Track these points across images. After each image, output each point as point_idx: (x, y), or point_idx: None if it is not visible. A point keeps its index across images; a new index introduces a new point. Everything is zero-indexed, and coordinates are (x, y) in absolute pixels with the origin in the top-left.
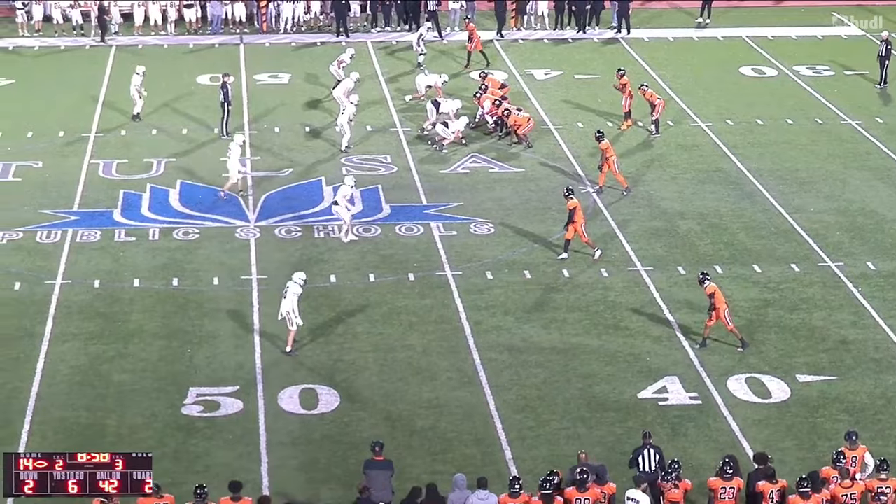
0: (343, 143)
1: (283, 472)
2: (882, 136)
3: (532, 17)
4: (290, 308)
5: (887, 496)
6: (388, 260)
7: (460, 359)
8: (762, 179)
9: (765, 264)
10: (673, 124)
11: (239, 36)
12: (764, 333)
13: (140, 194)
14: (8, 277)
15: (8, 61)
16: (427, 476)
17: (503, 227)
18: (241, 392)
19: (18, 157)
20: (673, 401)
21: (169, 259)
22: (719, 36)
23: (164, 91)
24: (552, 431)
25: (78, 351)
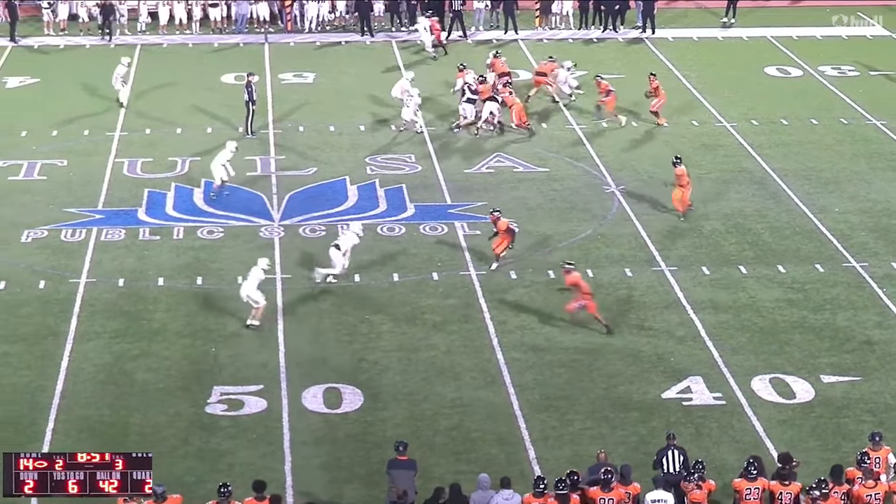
0: (417, 129)
1: (307, 471)
2: None
3: (557, 16)
4: (249, 293)
5: None
6: (413, 259)
7: (484, 358)
8: (787, 179)
9: (789, 264)
10: (697, 124)
11: (264, 35)
12: (788, 334)
13: (164, 193)
14: (33, 276)
15: (33, 60)
16: (450, 476)
17: (527, 226)
18: (264, 391)
19: (43, 155)
20: (697, 401)
21: (193, 258)
22: (744, 36)
23: (188, 90)
24: (576, 431)
25: (102, 349)
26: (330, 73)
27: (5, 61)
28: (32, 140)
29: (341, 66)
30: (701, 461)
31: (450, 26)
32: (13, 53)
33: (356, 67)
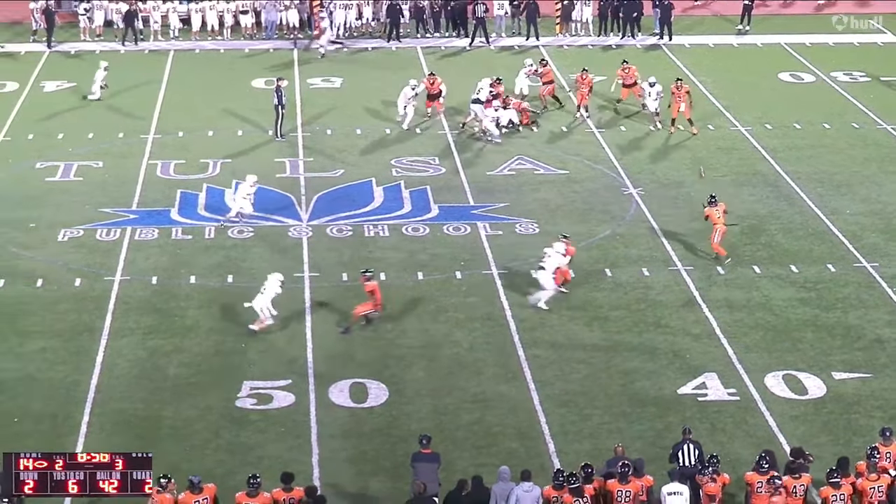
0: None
1: (333, 463)
2: None
3: (577, 23)
4: (264, 305)
5: None
6: (436, 259)
7: (505, 355)
8: (799, 182)
9: (802, 265)
10: (713, 128)
11: (293, 41)
12: (801, 332)
13: (196, 194)
14: (69, 274)
15: (69, 65)
16: (473, 468)
17: (547, 227)
18: (293, 386)
19: (79, 157)
20: (712, 397)
21: (224, 257)
22: (759, 43)
23: (220, 94)
24: (594, 426)
25: (136, 345)
26: (357, 78)
27: (42, 66)
28: (69, 142)
29: (368, 72)
30: (716, 455)
31: (473, 33)
32: (50, 58)
33: (382, 72)
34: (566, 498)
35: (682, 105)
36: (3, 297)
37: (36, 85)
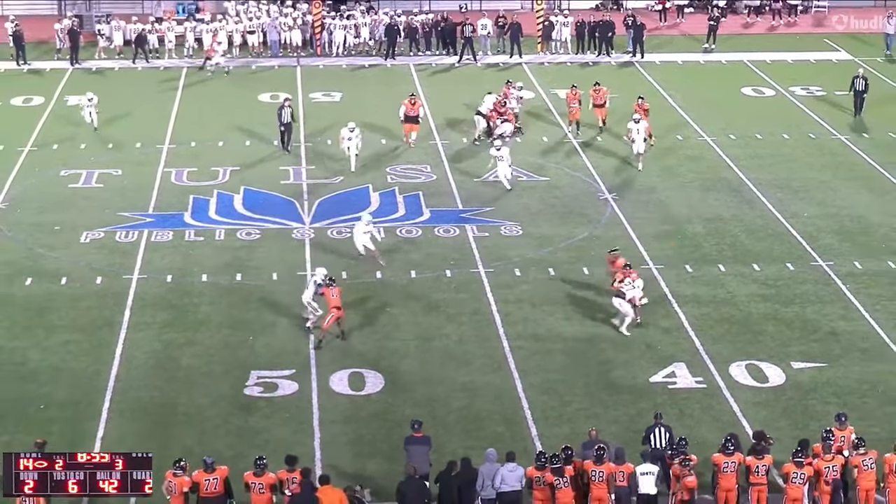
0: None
1: (334, 447)
2: (868, 150)
3: (557, 42)
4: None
5: (869, 467)
6: (428, 258)
7: (492, 347)
8: (761, 188)
9: (763, 263)
10: (682, 138)
11: (296, 59)
12: (762, 325)
13: (208, 199)
14: (91, 272)
15: (91, 80)
16: (462, 450)
17: (530, 229)
18: (296, 375)
19: (100, 165)
20: (681, 384)
21: (233, 257)
22: (723, 60)
23: (229, 107)
24: (573, 411)
25: (152, 338)
26: (355, 92)
27: (66, 82)
28: (90, 151)
29: (365, 87)
30: (684, 438)
31: (461, 51)
32: (73, 75)
33: (378, 87)
34: (548, 477)
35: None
36: (30, 294)
37: (60, 99)
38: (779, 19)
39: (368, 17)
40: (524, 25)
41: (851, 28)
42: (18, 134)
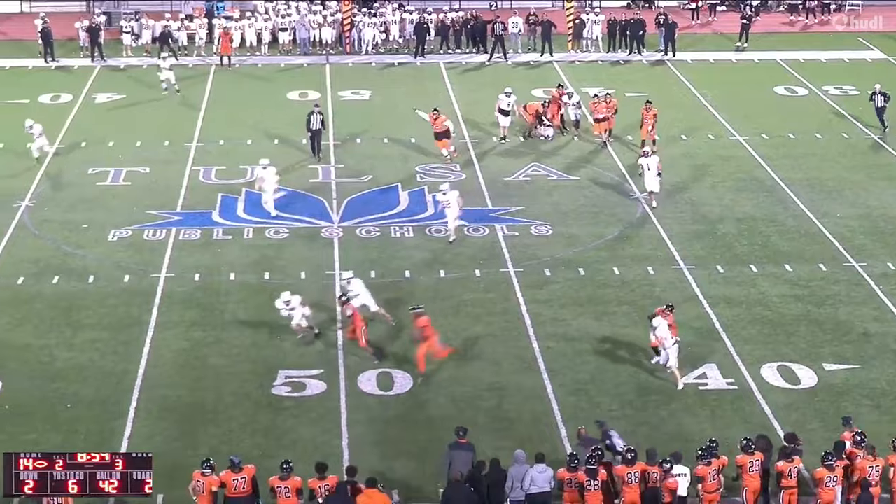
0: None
1: (361, 447)
2: None
3: (588, 41)
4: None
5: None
6: (457, 258)
7: (521, 347)
8: (793, 187)
9: (795, 264)
10: (713, 137)
11: (325, 57)
12: (794, 326)
13: (236, 197)
14: (119, 270)
15: (119, 78)
16: (491, 451)
17: (560, 228)
18: (324, 374)
19: (128, 163)
20: (712, 386)
21: (261, 255)
22: (755, 59)
23: (258, 105)
24: (603, 413)
25: (179, 337)
26: (384, 90)
27: (94, 79)
28: (119, 150)
29: (394, 85)
30: (714, 440)
31: (492, 49)
32: (101, 72)
33: (408, 86)
34: (580, 476)
35: (649, 126)
36: (58, 292)
37: (88, 97)
38: (812, 18)
39: (398, 15)
40: (555, 23)
41: (886, 27)
42: (46, 131)
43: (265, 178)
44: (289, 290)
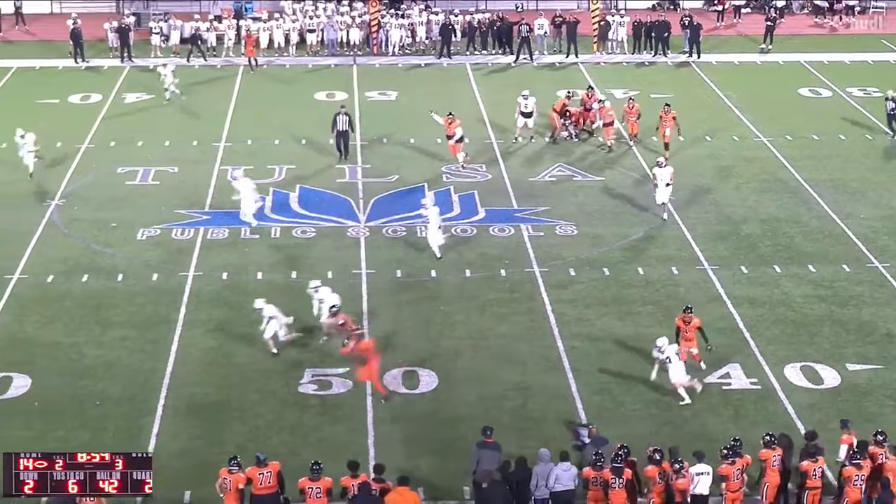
0: None
1: (387, 445)
2: None
3: (613, 42)
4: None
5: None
6: (483, 257)
7: (546, 346)
8: (817, 189)
9: (819, 264)
10: (738, 139)
11: (352, 58)
12: (817, 326)
13: (263, 197)
14: (147, 269)
15: (148, 78)
16: (516, 450)
17: (585, 229)
18: (350, 373)
19: (157, 163)
20: (735, 385)
21: (288, 255)
22: (780, 60)
23: (285, 106)
24: (627, 412)
25: (207, 335)
26: (411, 91)
27: (123, 80)
28: (147, 149)
29: (421, 86)
30: (738, 439)
31: (517, 50)
32: (130, 73)
33: (434, 87)
34: (606, 475)
35: (668, 129)
36: (86, 290)
37: (118, 97)
38: (836, 20)
39: (425, 17)
40: (580, 25)
41: None
42: (76, 131)
43: (242, 188)
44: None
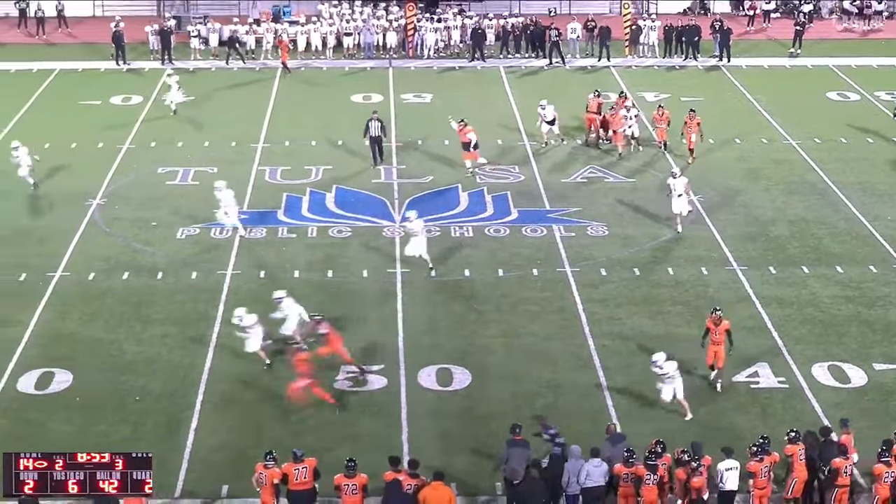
0: None
1: (421, 441)
2: None
3: (644, 46)
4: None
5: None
6: (516, 257)
7: (577, 345)
8: (845, 191)
9: (846, 265)
10: (767, 141)
11: (388, 60)
12: (845, 326)
13: (300, 197)
14: (186, 267)
15: (188, 80)
16: (547, 447)
17: (616, 229)
18: (385, 370)
19: (196, 163)
20: (763, 384)
21: (325, 254)
22: (809, 65)
23: (322, 108)
24: (655, 410)
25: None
26: (445, 94)
27: (164, 81)
28: (187, 150)
29: (455, 88)
30: (767, 437)
31: (549, 55)
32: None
33: (468, 89)
34: (640, 471)
35: (693, 135)
36: (127, 288)
37: (158, 98)
38: (864, 25)
39: (459, 21)
40: (612, 29)
41: None
42: (117, 132)
43: (223, 199)
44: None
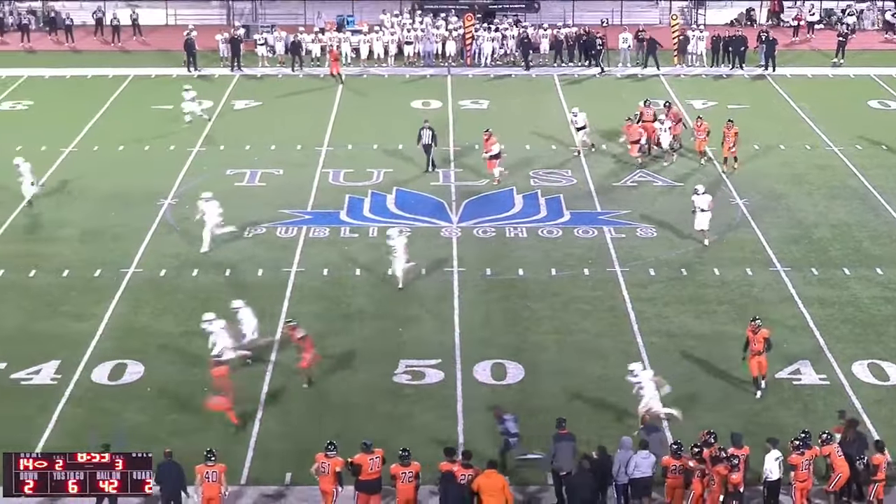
0: None
1: (476, 432)
2: None
3: (692, 55)
4: None
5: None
6: (568, 257)
7: (626, 342)
8: (885, 195)
9: (886, 267)
10: (810, 148)
11: (447, 68)
12: (884, 326)
13: (362, 198)
14: (253, 265)
15: (255, 86)
16: (597, 439)
17: (664, 231)
18: (442, 364)
19: (263, 165)
20: (805, 381)
21: (385, 253)
22: (851, 74)
23: (383, 113)
24: (702, 405)
25: (307, 327)
26: (501, 100)
27: (233, 88)
28: (254, 152)
29: (510, 95)
30: (808, 431)
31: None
32: (239, 81)
33: (523, 96)
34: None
35: (731, 144)
36: (196, 284)
37: (227, 103)
38: None
39: (515, 30)
40: (661, 39)
41: None
42: (189, 135)
43: (207, 210)
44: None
